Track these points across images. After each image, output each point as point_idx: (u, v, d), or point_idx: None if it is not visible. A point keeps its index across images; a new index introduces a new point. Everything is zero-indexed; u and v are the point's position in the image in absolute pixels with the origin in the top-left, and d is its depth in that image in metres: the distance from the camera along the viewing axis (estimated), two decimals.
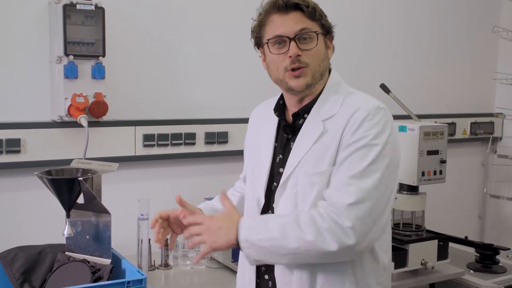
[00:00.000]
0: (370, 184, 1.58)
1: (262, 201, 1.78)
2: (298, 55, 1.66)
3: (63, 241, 2.10)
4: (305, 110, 1.75)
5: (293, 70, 1.68)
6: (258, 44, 1.79)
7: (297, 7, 1.68)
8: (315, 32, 1.69)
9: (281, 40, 1.68)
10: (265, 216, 1.70)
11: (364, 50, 3.37)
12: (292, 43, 1.66)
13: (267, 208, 1.77)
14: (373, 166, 1.59)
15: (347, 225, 1.54)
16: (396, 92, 2.82)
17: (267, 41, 1.71)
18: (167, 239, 1.85)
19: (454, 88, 3.81)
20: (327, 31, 1.74)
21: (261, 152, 1.84)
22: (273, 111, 1.84)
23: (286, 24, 1.67)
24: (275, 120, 1.84)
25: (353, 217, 1.54)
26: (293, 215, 1.61)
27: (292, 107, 1.79)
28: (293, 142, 1.75)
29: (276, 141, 1.81)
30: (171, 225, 1.81)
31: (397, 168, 1.68)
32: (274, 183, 1.77)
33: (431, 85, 3.69)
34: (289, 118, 1.80)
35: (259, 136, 1.88)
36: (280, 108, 1.82)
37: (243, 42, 2.86)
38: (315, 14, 1.69)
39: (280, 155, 1.78)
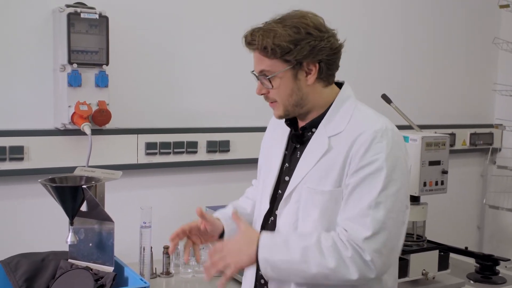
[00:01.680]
0: (384, 213, 1.58)
1: (267, 207, 1.80)
2: (263, 93, 1.72)
3: (66, 248, 2.11)
4: (313, 124, 1.75)
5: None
6: None
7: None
8: (266, 75, 1.67)
9: (255, 75, 1.73)
10: (286, 235, 1.67)
11: (364, 61, 3.38)
12: (258, 82, 1.72)
13: (270, 214, 1.79)
14: (385, 193, 1.59)
15: (367, 258, 1.56)
16: (397, 103, 2.83)
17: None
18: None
19: (454, 99, 3.83)
20: (298, 61, 1.66)
21: (272, 158, 1.85)
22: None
23: (254, 61, 1.71)
24: (287, 128, 1.85)
25: (371, 250, 1.56)
26: (314, 238, 1.59)
27: (299, 120, 1.79)
28: (300, 152, 1.76)
29: (286, 149, 1.83)
30: (191, 236, 1.86)
31: (407, 187, 1.68)
32: (279, 191, 1.79)
33: (431, 95, 3.71)
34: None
35: (272, 142, 1.91)
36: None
37: (246, 51, 2.89)
38: (269, 53, 1.64)
39: (287, 164, 1.80)
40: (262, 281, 1.79)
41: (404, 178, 1.65)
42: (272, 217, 1.78)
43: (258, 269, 1.77)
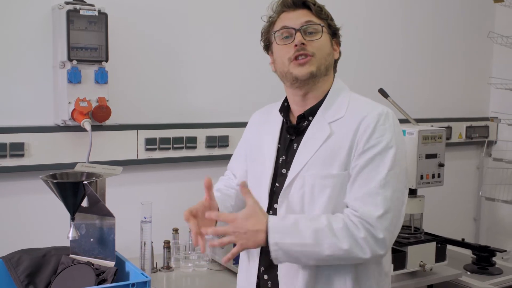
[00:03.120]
0: (391, 192, 1.62)
1: (266, 202, 1.79)
2: (303, 44, 1.70)
3: (67, 244, 2.11)
4: (310, 113, 1.77)
5: (297, 58, 1.71)
6: (268, 46, 1.84)
7: (304, 5, 1.76)
8: (319, 24, 1.74)
9: (287, 34, 1.73)
10: (295, 218, 1.65)
11: (362, 56, 3.40)
12: (298, 33, 1.71)
13: (269, 208, 1.79)
14: (392, 172, 1.63)
15: (380, 236, 1.59)
16: (393, 97, 2.85)
17: (274, 32, 1.77)
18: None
19: (450, 92, 3.85)
20: (333, 32, 1.80)
21: (264, 152, 1.85)
22: (275, 114, 1.87)
23: (293, 17, 1.74)
24: (278, 121, 1.86)
25: (383, 228, 1.59)
26: (325, 221, 1.61)
27: (297, 106, 1.81)
28: (297, 143, 1.77)
29: (279, 142, 1.83)
30: (200, 222, 1.69)
31: (406, 168, 1.73)
32: (277, 184, 1.79)
33: (427, 89, 3.73)
34: (294, 120, 1.82)
35: (261, 138, 1.90)
36: (285, 109, 1.85)
37: (244, 47, 2.91)
38: (321, 13, 1.76)
39: (283, 156, 1.80)
40: (266, 277, 1.79)
41: (404, 159, 1.71)
42: (271, 211, 1.78)
43: (259, 265, 1.80)
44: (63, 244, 2.15)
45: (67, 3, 2.40)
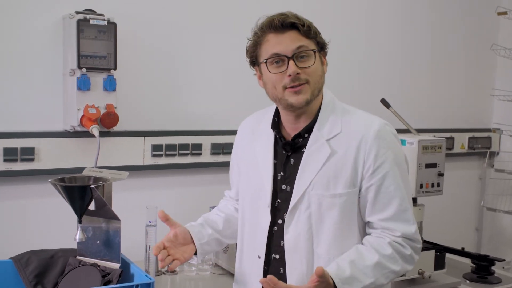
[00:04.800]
0: (409, 201, 1.74)
1: (269, 219, 1.80)
2: (298, 73, 1.67)
3: (74, 245, 2.12)
4: (306, 130, 1.77)
5: (292, 86, 1.68)
6: (254, 62, 1.80)
7: (293, 26, 1.68)
8: (312, 50, 1.70)
9: (279, 59, 1.68)
10: (350, 265, 1.64)
11: (364, 66, 3.41)
12: (291, 61, 1.66)
13: (273, 224, 1.80)
14: (405, 184, 1.73)
15: (418, 246, 1.74)
16: (396, 107, 2.88)
17: (265, 60, 1.70)
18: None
19: (453, 103, 3.86)
20: (321, 47, 1.75)
21: (259, 168, 1.85)
22: (266, 127, 1.87)
23: (283, 42, 1.68)
24: (269, 136, 1.85)
25: (419, 238, 1.75)
26: (376, 255, 1.66)
27: (290, 124, 1.80)
28: (294, 159, 1.78)
29: (274, 157, 1.83)
30: (169, 250, 1.80)
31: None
32: (278, 200, 1.80)
33: (430, 100, 3.74)
34: (286, 134, 1.82)
35: (253, 152, 1.89)
36: (276, 125, 1.84)
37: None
38: (310, 32, 1.70)
39: (281, 172, 1.81)
40: None
41: (407, 163, 1.81)
42: (275, 227, 1.80)
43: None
44: (70, 246, 2.17)
45: (77, 12, 2.44)
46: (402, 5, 3.57)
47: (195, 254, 1.89)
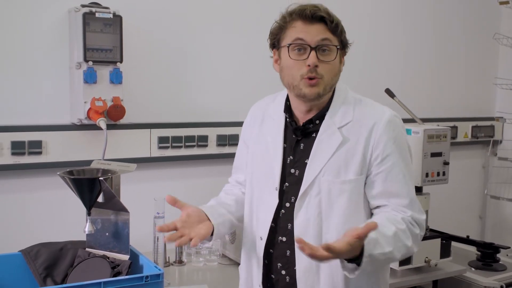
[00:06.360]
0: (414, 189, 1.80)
1: (276, 201, 1.82)
2: (316, 66, 1.69)
3: (83, 237, 2.13)
4: (317, 117, 1.80)
5: (309, 78, 1.70)
6: (274, 45, 1.81)
7: (322, 20, 1.71)
8: (335, 46, 1.72)
9: (301, 47, 1.70)
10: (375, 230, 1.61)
11: (368, 56, 3.42)
12: (312, 52, 1.69)
13: (280, 207, 1.82)
14: (410, 173, 1.79)
15: (422, 234, 1.78)
16: (400, 97, 2.89)
17: (288, 45, 1.72)
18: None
19: (456, 92, 3.87)
20: (343, 46, 1.78)
21: (269, 151, 1.86)
22: (277, 111, 1.88)
23: (310, 32, 1.70)
24: (280, 119, 1.87)
25: (422, 231, 1.78)
26: (393, 227, 1.67)
27: (300, 112, 1.82)
28: (303, 144, 1.80)
29: (284, 141, 1.85)
30: (183, 231, 1.72)
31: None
32: (286, 183, 1.82)
33: (433, 89, 3.75)
34: (296, 120, 1.83)
35: (263, 135, 1.91)
36: (288, 109, 1.85)
37: (254, 46, 2.94)
38: (337, 29, 1.73)
39: (291, 156, 1.82)
40: (284, 272, 1.83)
41: (410, 153, 1.85)
42: (282, 210, 1.82)
43: (270, 262, 1.85)
44: (79, 238, 2.18)
45: (83, 6, 2.45)
46: None
47: (211, 235, 1.83)
